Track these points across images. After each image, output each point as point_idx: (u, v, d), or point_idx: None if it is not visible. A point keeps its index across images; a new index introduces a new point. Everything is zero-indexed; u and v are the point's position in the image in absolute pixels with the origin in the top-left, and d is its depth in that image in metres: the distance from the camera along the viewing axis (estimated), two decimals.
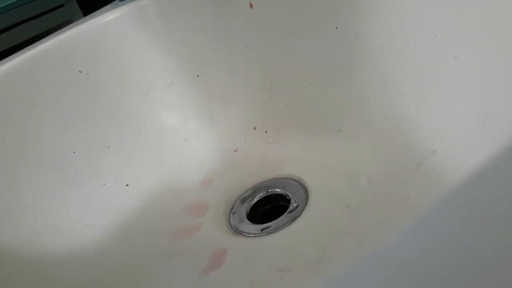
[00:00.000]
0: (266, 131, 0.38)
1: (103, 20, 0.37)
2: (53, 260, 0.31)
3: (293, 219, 0.30)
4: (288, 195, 0.33)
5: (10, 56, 0.36)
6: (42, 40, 0.37)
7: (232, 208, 0.34)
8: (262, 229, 0.31)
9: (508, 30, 0.22)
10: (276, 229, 0.30)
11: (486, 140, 0.22)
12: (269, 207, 0.34)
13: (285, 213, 0.31)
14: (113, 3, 0.41)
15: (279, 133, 0.38)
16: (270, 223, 0.31)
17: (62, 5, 0.77)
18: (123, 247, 0.33)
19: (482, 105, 0.24)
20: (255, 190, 0.35)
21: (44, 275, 0.30)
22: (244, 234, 0.31)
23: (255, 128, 0.39)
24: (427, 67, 0.28)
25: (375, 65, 0.31)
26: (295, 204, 0.32)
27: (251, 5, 0.35)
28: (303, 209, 0.31)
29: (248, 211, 0.33)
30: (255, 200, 0.34)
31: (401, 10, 0.28)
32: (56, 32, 0.38)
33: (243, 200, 0.34)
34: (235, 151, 0.38)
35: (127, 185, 0.36)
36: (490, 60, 0.24)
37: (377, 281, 0.18)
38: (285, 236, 0.30)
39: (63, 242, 0.32)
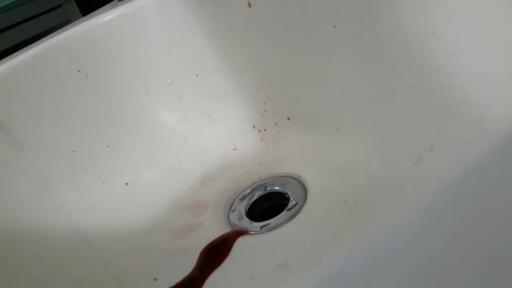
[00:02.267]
0: (265, 130, 0.38)
1: (102, 20, 0.38)
2: (51, 257, 0.31)
3: (292, 217, 0.31)
4: (287, 193, 0.33)
5: (9, 56, 0.36)
6: (41, 40, 0.37)
7: (231, 206, 0.34)
8: (262, 227, 0.31)
9: None
10: (275, 227, 0.31)
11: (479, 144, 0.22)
12: (268, 205, 0.34)
13: (284, 211, 0.32)
14: (111, 3, 0.41)
15: (278, 132, 0.38)
16: (269, 221, 0.31)
17: (60, 5, 0.77)
18: (123, 246, 0.33)
19: None
20: (254, 188, 0.35)
21: (40, 273, 0.30)
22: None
23: (253, 127, 0.39)
24: (422, 68, 0.28)
25: (375, 63, 0.31)
26: (294, 202, 0.32)
27: (249, 4, 0.36)
28: (302, 207, 0.31)
29: (247, 209, 0.34)
30: (254, 198, 0.34)
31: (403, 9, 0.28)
32: (55, 32, 0.38)
33: (243, 198, 0.34)
34: (234, 149, 0.38)
35: (126, 184, 0.36)
36: None
37: (375, 276, 0.18)
38: (284, 233, 0.30)
39: (62, 240, 0.32)
